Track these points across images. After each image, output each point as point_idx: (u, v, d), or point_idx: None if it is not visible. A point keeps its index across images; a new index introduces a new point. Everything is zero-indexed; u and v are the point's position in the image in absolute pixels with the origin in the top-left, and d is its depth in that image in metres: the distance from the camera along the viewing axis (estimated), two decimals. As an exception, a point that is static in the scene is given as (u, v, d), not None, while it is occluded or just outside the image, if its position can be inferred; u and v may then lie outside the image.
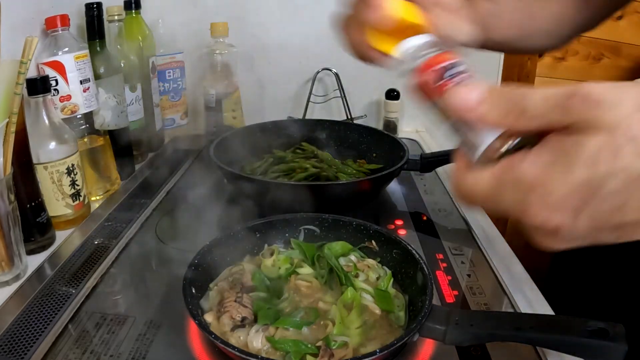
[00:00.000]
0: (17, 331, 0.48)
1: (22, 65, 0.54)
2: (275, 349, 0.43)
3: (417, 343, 0.46)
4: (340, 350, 0.43)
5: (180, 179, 0.87)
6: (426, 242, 0.66)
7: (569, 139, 0.26)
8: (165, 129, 1.04)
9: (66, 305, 0.52)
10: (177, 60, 1.02)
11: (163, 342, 0.48)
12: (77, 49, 0.71)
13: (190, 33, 1.05)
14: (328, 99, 1.11)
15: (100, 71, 0.78)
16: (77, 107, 0.72)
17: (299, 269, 0.54)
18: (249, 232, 0.58)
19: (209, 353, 0.46)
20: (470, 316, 0.44)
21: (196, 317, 0.43)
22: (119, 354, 0.46)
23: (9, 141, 0.54)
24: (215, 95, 0.94)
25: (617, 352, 0.38)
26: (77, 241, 0.65)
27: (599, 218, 0.26)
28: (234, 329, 0.45)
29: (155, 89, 0.97)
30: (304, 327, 0.45)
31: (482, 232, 0.68)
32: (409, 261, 0.52)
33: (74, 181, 0.67)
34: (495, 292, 0.56)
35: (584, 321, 0.40)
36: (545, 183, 0.26)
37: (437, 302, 0.53)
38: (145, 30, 0.93)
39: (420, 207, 0.75)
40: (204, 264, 0.52)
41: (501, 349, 0.46)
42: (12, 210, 0.55)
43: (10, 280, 0.56)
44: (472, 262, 0.61)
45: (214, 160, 0.74)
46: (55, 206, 0.67)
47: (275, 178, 0.78)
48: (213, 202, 0.80)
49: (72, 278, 0.57)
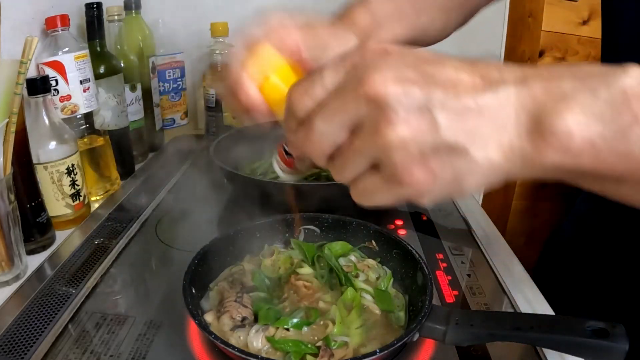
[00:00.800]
0: (17, 331, 0.48)
1: (22, 65, 0.54)
2: (275, 349, 0.43)
3: (417, 343, 0.46)
4: (340, 350, 0.43)
5: (180, 179, 0.87)
6: (426, 242, 0.66)
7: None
8: (165, 129, 1.04)
9: (66, 305, 0.52)
10: (177, 60, 1.02)
11: (163, 342, 0.48)
12: (77, 49, 0.71)
13: (190, 33, 1.05)
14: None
15: (100, 71, 0.78)
16: (77, 107, 0.72)
17: (299, 269, 0.54)
18: (249, 232, 0.58)
19: (209, 353, 0.46)
20: (470, 316, 0.44)
21: (196, 317, 0.43)
22: (119, 354, 0.46)
23: (9, 141, 0.54)
24: (215, 95, 0.94)
25: (617, 352, 0.38)
26: (77, 241, 0.65)
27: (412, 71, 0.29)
28: (234, 329, 0.45)
29: (155, 89, 0.97)
30: (304, 327, 0.45)
31: (482, 232, 0.68)
32: (409, 261, 0.52)
33: (74, 181, 0.67)
34: (495, 292, 0.56)
35: (584, 321, 0.39)
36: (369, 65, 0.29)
37: (437, 302, 0.53)
38: (145, 30, 0.93)
39: (420, 207, 0.75)
40: (204, 264, 0.52)
41: (501, 349, 0.46)
42: (12, 210, 0.55)
43: (10, 280, 0.56)
44: (472, 262, 0.61)
45: (214, 160, 0.74)
46: (55, 206, 0.67)
47: (276, 178, 0.78)
48: (213, 202, 0.80)
49: (72, 278, 0.57)
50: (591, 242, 0.65)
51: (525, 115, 0.28)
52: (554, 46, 1.21)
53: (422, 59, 0.30)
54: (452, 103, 0.28)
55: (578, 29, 1.19)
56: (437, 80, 0.28)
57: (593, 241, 0.65)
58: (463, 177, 0.29)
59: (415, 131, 0.27)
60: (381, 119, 0.28)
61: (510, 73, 0.29)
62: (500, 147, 0.28)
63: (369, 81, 0.28)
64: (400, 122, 0.27)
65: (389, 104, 0.27)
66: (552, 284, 0.64)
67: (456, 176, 0.29)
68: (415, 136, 0.27)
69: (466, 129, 0.28)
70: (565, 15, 1.18)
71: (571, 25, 1.19)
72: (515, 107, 0.28)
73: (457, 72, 0.29)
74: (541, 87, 0.28)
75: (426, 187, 0.29)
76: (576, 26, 1.19)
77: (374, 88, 0.28)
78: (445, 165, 0.28)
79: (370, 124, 0.28)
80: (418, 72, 0.28)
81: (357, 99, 0.28)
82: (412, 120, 0.27)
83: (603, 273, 0.62)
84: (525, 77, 0.29)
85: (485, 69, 0.29)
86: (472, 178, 0.29)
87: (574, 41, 1.20)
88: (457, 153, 0.28)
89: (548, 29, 1.19)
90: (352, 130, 0.30)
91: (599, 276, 0.63)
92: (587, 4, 1.17)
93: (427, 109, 0.27)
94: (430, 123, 0.27)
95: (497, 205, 1.35)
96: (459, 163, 0.28)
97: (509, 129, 0.28)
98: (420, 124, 0.27)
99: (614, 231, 0.61)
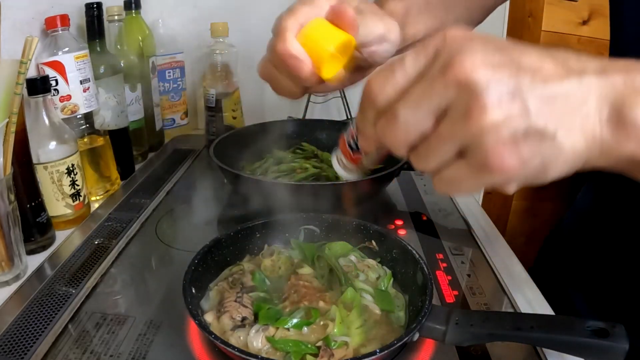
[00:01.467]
0: (17, 331, 0.48)
1: (22, 65, 0.54)
2: (276, 349, 0.43)
3: (417, 343, 0.46)
4: (340, 350, 0.43)
5: (180, 179, 0.87)
6: (426, 242, 0.66)
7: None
8: (165, 129, 1.04)
9: (66, 305, 0.52)
10: (177, 60, 1.02)
11: (163, 342, 0.48)
12: (77, 49, 0.71)
13: (190, 33, 1.05)
14: (328, 99, 1.11)
15: (100, 71, 0.78)
16: (77, 107, 0.72)
17: (299, 269, 0.54)
18: (249, 232, 0.58)
19: (209, 353, 0.46)
20: (470, 316, 0.44)
21: (196, 317, 0.43)
22: (119, 354, 0.46)
23: (9, 141, 0.54)
24: (215, 95, 0.94)
25: (617, 352, 0.38)
26: (77, 241, 0.65)
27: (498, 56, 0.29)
28: (234, 329, 0.45)
29: (155, 89, 0.97)
30: (304, 327, 0.45)
31: (482, 232, 0.68)
32: (409, 261, 0.52)
33: (74, 181, 0.67)
34: (495, 292, 0.56)
35: (584, 321, 0.40)
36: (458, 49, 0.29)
37: (437, 302, 0.53)
38: (145, 30, 0.93)
39: (420, 207, 0.75)
40: (204, 264, 0.52)
41: (501, 349, 0.46)
42: (12, 210, 0.55)
43: (10, 280, 0.56)
44: (472, 262, 0.61)
45: (214, 160, 0.74)
46: (55, 206, 0.67)
47: (275, 178, 0.78)
48: (213, 202, 0.80)
49: (72, 278, 0.57)
50: (592, 237, 0.65)
51: (606, 105, 0.29)
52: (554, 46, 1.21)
53: (506, 45, 0.30)
54: (541, 88, 0.28)
55: (578, 29, 1.19)
56: (524, 66, 0.28)
57: (594, 236, 0.65)
58: (549, 163, 0.29)
59: (508, 116, 0.27)
60: (473, 103, 0.27)
61: (589, 63, 0.29)
62: (584, 134, 0.29)
63: (458, 65, 0.27)
64: (492, 106, 0.27)
65: (480, 88, 0.27)
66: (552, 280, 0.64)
67: (543, 162, 0.29)
68: (508, 121, 0.27)
69: (554, 115, 0.28)
70: (565, 15, 1.18)
71: (571, 25, 1.19)
72: (597, 96, 0.29)
73: (540, 59, 0.29)
74: (621, 78, 0.29)
75: (515, 173, 0.28)
76: (576, 26, 1.19)
77: (464, 72, 0.27)
78: (534, 150, 0.28)
79: (460, 109, 0.28)
80: (505, 58, 0.28)
81: (445, 84, 0.28)
82: (504, 105, 0.27)
83: (603, 269, 0.62)
84: (604, 68, 0.29)
85: (565, 57, 0.29)
86: (557, 164, 0.29)
87: (574, 41, 1.20)
88: (545, 138, 0.28)
89: (548, 29, 1.19)
90: (438, 117, 0.29)
91: (598, 272, 0.63)
92: (587, 4, 1.17)
93: (517, 93, 0.27)
94: (521, 108, 0.27)
95: (497, 205, 1.35)
96: (547, 149, 0.28)
97: (591, 117, 0.29)
98: (511, 108, 0.27)
99: (615, 227, 0.61)
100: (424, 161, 0.31)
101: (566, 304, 0.63)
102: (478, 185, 0.30)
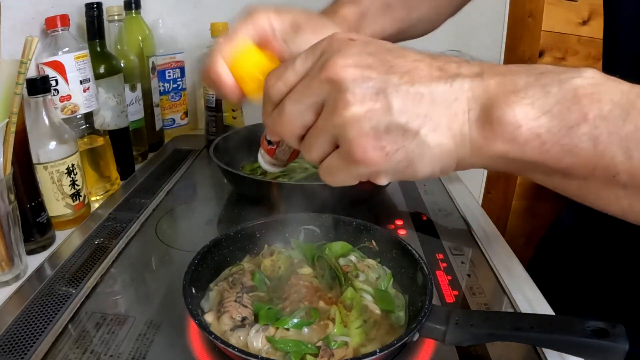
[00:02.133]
0: (17, 331, 0.48)
1: (22, 65, 0.54)
2: (276, 349, 0.43)
3: (417, 343, 0.46)
4: (340, 350, 0.43)
5: (180, 179, 0.87)
6: (426, 242, 0.66)
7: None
8: (165, 129, 1.04)
9: (66, 305, 0.52)
10: (177, 60, 1.02)
11: (163, 342, 0.48)
12: (77, 49, 0.71)
13: (190, 33, 1.05)
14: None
15: (100, 71, 0.78)
16: (77, 107, 0.72)
17: (299, 269, 0.54)
18: (249, 232, 0.58)
19: (209, 353, 0.46)
20: (470, 316, 0.44)
21: (196, 317, 0.43)
22: (119, 354, 0.46)
23: (9, 141, 0.54)
24: (215, 95, 0.94)
25: (617, 352, 0.38)
26: (77, 241, 0.65)
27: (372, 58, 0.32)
28: (234, 329, 0.45)
29: (155, 89, 0.97)
30: (304, 327, 0.45)
31: (482, 232, 0.68)
32: (409, 261, 0.52)
33: (74, 181, 0.67)
34: (495, 292, 0.56)
35: (584, 321, 0.39)
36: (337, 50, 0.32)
37: (437, 302, 0.53)
38: (145, 30, 0.93)
39: (420, 207, 0.75)
40: (204, 264, 0.52)
41: (501, 349, 0.46)
42: (12, 210, 0.55)
43: (10, 280, 0.56)
44: (472, 262, 0.61)
45: (214, 160, 0.74)
46: (55, 206, 0.67)
47: (275, 178, 0.78)
48: (213, 202, 0.80)
49: (72, 278, 0.57)
50: (589, 235, 0.65)
51: (476, 105, 0.30)
52: (554, 46, 1.21)
53: (384, 49, 0.32)
54: (406, 89, 0.30)
55: (578, 29, 1.19)
56: (395, 68, 0.31)
57: (591, 235, 0.65)
58: (415, 159, 0.31)
59: (369, 111, 0.30)
60: (339, 99, 0.30)
61: (468, 68, 0.31)
62: (450, 132, 0.31)
63: (331, 65, 0.31)
64: (355, 102, 0.30)
65: (346, 86, 0.30)
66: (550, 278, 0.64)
67: (409, 157, 0.31)
68: (369, 115, 0.30)
69: (418, 113, 0.30)
70: (565, 15, 1.18)
71: (571, 25, 1.19)
72: (467, 98, 0.31)
73: (415, 62, 0.31)
74: (496, 81, 0.30)
75: (380, 166, 0.31)
76: (576, 26, 1.19)
77: (335, 71, 0.31)
78: (397, 145, 0.30)
79: (330, 104, 0.31)
80: (378, 60, 0.31)
81: (320, 81, 0.31)
82: (367, 101, 0.30)
83: (601, 267, 0.62)
84: (482, 71, 0.31)
85: (445, 62, 0.32)
86: (424, 160, 0.31)
87: (574, 41, 1.21)
88: (408, 134, 0.30)
89: (548, 29, 1.19)
90: (318, 112, 0.32)
91: (597, 270, 0.63)
92: (587, 4, 1.17)
93: (382, 92, 0.30)
94: (384, 105, 0.30)
95: (497, 205, 1.35)
96: (411, 144, 0.31)
97: (460, 117, 0.30)
98: (374, 104, 0.30)
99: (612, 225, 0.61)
100: (308, 152, 0.34)
101: (566, 304, 0.63)
102: (351, 175, 0.33)
